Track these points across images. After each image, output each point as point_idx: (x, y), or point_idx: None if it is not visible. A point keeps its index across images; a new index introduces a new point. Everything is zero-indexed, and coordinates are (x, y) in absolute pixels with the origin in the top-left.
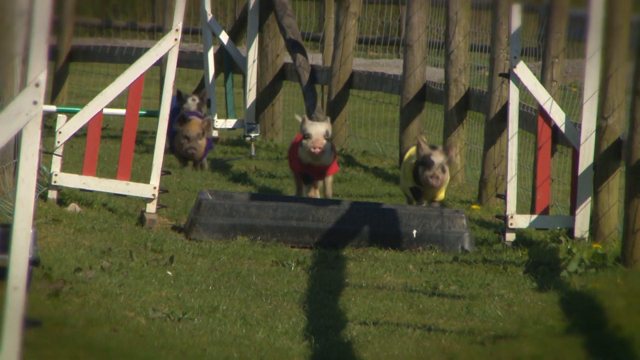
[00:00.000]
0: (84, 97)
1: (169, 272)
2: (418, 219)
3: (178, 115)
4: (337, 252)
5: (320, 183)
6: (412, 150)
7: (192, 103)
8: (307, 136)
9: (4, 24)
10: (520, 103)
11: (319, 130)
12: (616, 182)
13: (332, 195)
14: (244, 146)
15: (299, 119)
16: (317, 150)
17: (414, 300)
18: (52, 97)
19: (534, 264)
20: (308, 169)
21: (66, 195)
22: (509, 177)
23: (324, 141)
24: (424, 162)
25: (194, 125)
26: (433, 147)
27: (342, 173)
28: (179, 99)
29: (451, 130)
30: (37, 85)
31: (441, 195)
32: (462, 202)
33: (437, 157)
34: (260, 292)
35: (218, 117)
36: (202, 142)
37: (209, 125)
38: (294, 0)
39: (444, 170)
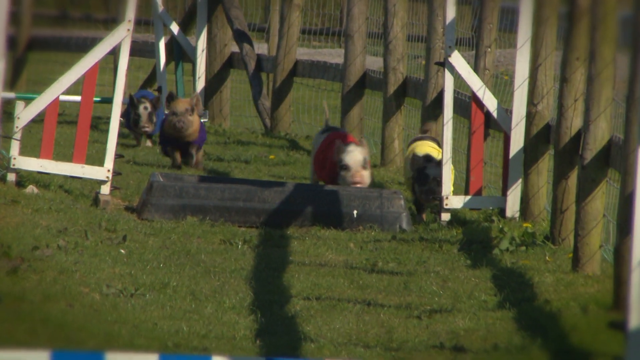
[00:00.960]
0: (41, 85)
1: (122, 251)
2: (358, 200)
3: (167, 95)
4: (282, 232)
5: None
6: (413, 146)
7: (143, 112)
8: (344, 167)
9: None
10: (454, 90)
11: (357, 159)
12: (545, 164)
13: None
14: None
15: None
16: (358, 184)
17: (354, 277)
18: (11, 85)
19: (468, 242)
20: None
21: (24, 178)
22: (444, 160)
23: (365, 172)
24: (419, 178)
25: (182, 102)
26: (427, 159)
27: (287, 156)
28: (131, 103)
29: (390, 116)
30: None
31: None
32: (400, 184)
33: (432, 170)
34: (208, 269)
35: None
36: (193, 119)
37: (198, 101)
38: None
39: (439, 183)
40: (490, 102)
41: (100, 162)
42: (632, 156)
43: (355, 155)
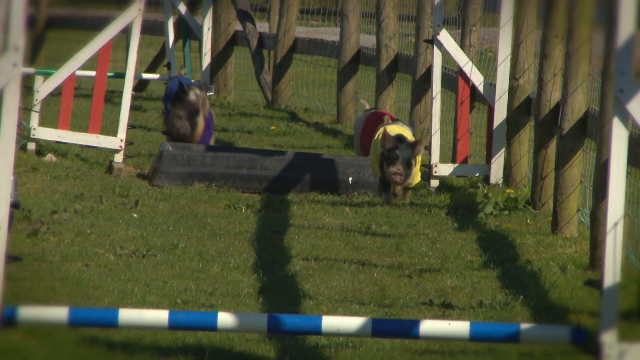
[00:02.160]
0: (59, 61)
1: (134, 215)
2: (353, 168)
3: (172, 94)
4: (282, 197)
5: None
6: (380, 131)
7: (193, 98)
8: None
9: None
10: (442, 66)
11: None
12: (526, 135)
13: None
14: None
15: (381, 131)
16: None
17: (349, 239)
18: (31, 61)
19: (455, 206)
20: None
21: (43, 147)
22: (433, 131)
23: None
24: (388, 157)
25: (186, 104)
26: (399, 139)
27: (287, 127)
28: (181, 90)
29: (382, 90)
30: (16, 49)
31: (415, 180)
32: None
33: (403, 151)
34: (214, 232)
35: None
36: (198, 121)
37: (204, 102)
38: None
39: (409, 165)
40: (476, 77)
41: (113, 132)
42: (607, 127)
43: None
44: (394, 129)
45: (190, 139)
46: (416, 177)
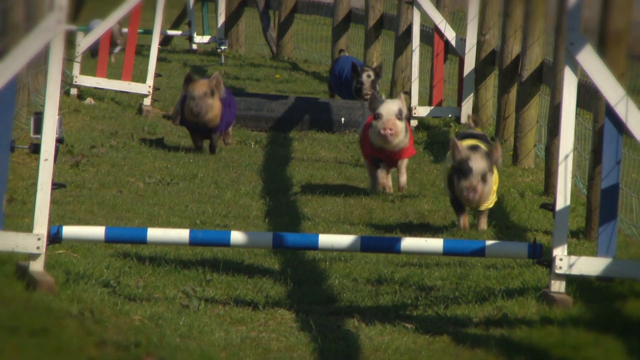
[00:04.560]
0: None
1: (161, 149)
2: (345, 110)
3: (185, 76)
4: (285, 134)
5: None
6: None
7: (366, 80)
8: (377, 116)
9: None
10: (421, 24)
11: (390, 109)
12: (491, 82)
13: (405, 184)
14: (216, 56)
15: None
16: (389, 132)
17: (342, 170)
18: (73, 19)
19: (431, 142)
20: (380, 153)
21: (84, 92)
22: (412, 78)
23: (397, 122)
24: (459, 170)
25: (200, 84)
26: (473, 148)
27: (289, 76)
28: (354, 72)
29: (370, 44)
30: (60, 8)
31: (488, 203)
32: None
33: (477, 163)
34: (228, 164)
35: (197, 35)
36: (213, 103)
37: (219, 83)
38: None
39: (484, 180)
40: (449, 33)
41: (143, 80)
42: (560, 75)
43: (388, 105)
44: (468, 143)
45: (205, 121)
46: (491, 197)
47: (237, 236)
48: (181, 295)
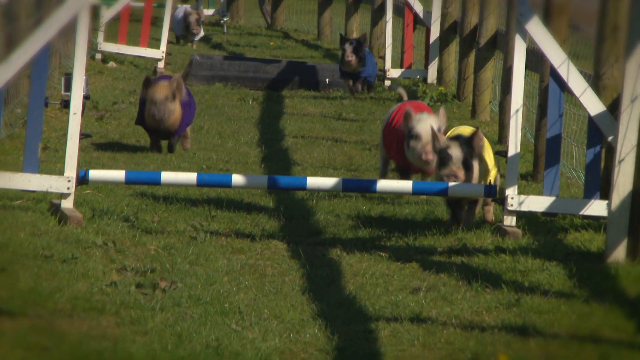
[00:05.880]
0: None
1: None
2: (329, 72)
3: (144, 79)
4: (278, 93)
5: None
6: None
7: (348, 47)
8: (415, 137)
9: None
10: None
11: (428, 128)
12: (453, 48)
13: None
14: (220, 26)
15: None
16: (430, 157)
17: (327, 123)
18: None
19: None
20: (414, 169)
21: (107, 56)
22: (386, 45)
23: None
24: (440, 159)
25: (161, 88)
26: (454, 138)
27: (282, 43)
28: (340, 41)
29: (350, 17)
30: None
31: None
32: None
33: (457, 150)
34: (229, 117)
35: (203, 8)
36: (174, 107)
37: (180, 86)
38: None
39: (467, 167)
40: (417, 7)
41: (157, 46)
42: (511, 42)
43: (426, 124)
44: (465, 130)
45: (167, 126)
46: (488, 177)
47: (237, 179)
48: (190, 228)
